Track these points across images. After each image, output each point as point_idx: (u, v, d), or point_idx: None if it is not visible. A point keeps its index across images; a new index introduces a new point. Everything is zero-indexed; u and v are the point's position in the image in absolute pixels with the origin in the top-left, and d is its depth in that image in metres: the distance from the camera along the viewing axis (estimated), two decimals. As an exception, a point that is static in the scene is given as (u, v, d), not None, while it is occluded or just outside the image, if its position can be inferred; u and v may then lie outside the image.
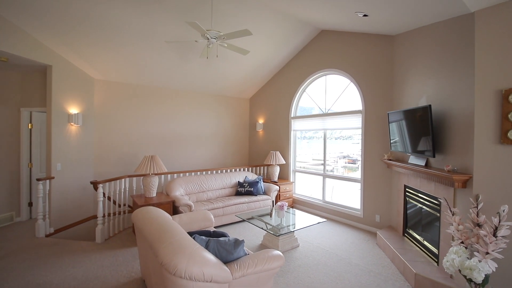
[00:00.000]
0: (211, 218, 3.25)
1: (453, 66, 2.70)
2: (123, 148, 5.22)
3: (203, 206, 4.23)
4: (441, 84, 2.85)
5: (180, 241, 1.79)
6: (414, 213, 3.38)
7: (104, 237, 3.81)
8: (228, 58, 5.14)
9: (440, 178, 2.61)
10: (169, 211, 3.87)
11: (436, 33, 2.99)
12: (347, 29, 4.46)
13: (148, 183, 4.02)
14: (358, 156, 5.41)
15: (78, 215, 4.61)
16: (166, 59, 4.80)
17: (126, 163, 5.25)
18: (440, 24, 2.91)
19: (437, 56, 2.94)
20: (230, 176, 5.22)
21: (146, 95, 5.49)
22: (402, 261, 2.97)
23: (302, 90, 5.63)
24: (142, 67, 4.87)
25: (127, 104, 5.26)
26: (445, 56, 2.83)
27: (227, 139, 6.81)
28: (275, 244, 3.49)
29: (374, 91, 4.22)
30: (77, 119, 4.45)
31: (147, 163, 3.96)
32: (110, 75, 4.91)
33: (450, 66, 2.74)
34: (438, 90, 2.89)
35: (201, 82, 5.84)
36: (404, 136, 3.31)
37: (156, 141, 5.64)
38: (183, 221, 3.02)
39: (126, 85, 5.23)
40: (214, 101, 6.56)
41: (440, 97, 2.85)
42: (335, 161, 5.65)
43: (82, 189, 4.66)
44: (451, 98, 2.69)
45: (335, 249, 3.58)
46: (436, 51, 2.96)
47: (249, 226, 4.46)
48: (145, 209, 2.60)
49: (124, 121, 5.23)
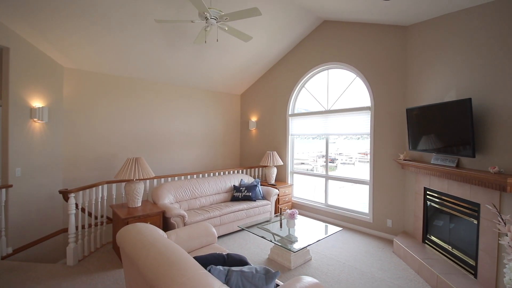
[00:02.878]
0: (214, 232, 2.72)
1: (497, 55, 2.39)
2: (99, 149, 4.49)
3: (197, 216, 3.66)
4: (478, 76, 2.55)
5: (194, 280, 1.27)
6: (438, 219, 3.08)
7: (78, 258, 3.13)
8: (220, 47, 4.60)
9: (481, 180, 2.29)
10: (158, 224, 3.27)
11: (469, 20, 2.69)
12: (355, 18, 4.11)
13: (131, 191, 3.38)
14: (336, 155, 5.27)
15: (43, 229, 3.84)
16: (151, 46, 4.16)
17: (103, 166, 4.53)
18: (477, 9, 2.60)
19: (472, 46, 2.64)
20: (225, 180, 4.68)
21: (127, 88, 4.79)
22: (432, 273, 2.64)
23: (301, 86, 5.23)
24: (122, 54, 4.18)
25: (104, 97, 4.53)
26: (483, 44, 2.53)
27: (217, 138, 6.25)
28: (286, 258, 3.03)
29: (385, 86, 3.91)
30: (41, 114, 3.69)
31: (130, 166, 3.33)
32: (84, 63, 4.17)
33: (493, 55, 2.44)
34: (473, 83, 2.59)
35: (190, 74, 5.24)
36: (429, 134, 3.00)
37: (138, 141, 4.96)
38: (181, 239, 2.47)
39: (103, 76, 4.51)
40: (203, 96, 5.97)
41: (477, 90, 2.54)
42: (314, 160, 5.53)
43: (48, 199, 3.89)
44: (493, 90, 2.39)
45: (352, 260, 3.19)
46: (469, 40, 2.66)
47: (249, 235, 3.96)
48: (133, 227, 2.02)
49: (100, 118, 4.50)
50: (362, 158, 5.01)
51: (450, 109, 2.64)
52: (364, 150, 4.93)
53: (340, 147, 5.27)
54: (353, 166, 5.23)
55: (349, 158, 5.32)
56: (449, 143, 2.72)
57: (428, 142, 3.02)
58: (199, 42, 3.46)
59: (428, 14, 3.18)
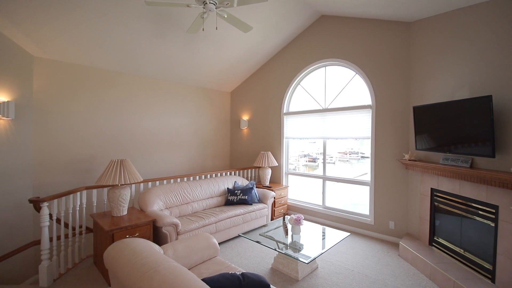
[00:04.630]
0: (215, 243, 2.42)
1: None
2: (75, 150, 4.00)
3: (191, 224, 3.32)
4: (497, 72, 2.45)
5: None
6: (448, 221, 2.98)
7: (53, 277, 2.69)
8: (212, 40, 4.27)
9: (503, 181, 2.18)
10: (149, 235, 2.90)
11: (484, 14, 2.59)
12: (355, 13, 3.96)
13: (116, 198, 2.97)
14: (317, 154, 5.18)
15: (10, 244, 3.30)
16: (136, 35, 3.75)
17: (80, 170, 4.04)
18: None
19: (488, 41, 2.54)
20: (218, 182, 4.36)
21: (108, 82, 4.32)
22: (447, 279, 2.51)
23: (297, 83, 5.02)
24: (103, 43, 3.73)
25: (81, 92, 4.04)
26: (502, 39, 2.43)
27: (206, 138, 5.89)
28: (292, 268, 2.78)
29: (387, 84, 3.78)
30: (6, 110, 3.17)
31: (115, 170, 2.92)
32: (58, 52, 3.67)
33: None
34: (491, 79, 2.49)
35: (178, 68, 4.85)
36: (440, 134, 2.88)
37: (119, 141, 4.50)
38: (179, 254, 2.14)
39: (81, 68, 4.02)
40: (191, 93, 5.59)
41: (496, 87, 2.44)
42: (296, 160, 5.47)
43: (15, 208, 3.37)
44: (513, 87, 2.29)
45: (360, 267, 3.01)
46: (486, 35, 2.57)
47: (247, 242, 3.68)
48: (125, 246, 1.67)
49: (77, 115, 4.01)
50: (342, 157, 5.02)
51: (467, 107, 2.52)
52: (344, 149, 4.92)
53: (321, 147, 5.17)
54: (333, 165, 5.14)
55: (329, 157, 5.23)
56: (463, 142, 2.61)
57: (438, 142, 2.91)
58: (193, 31, 3.13)
59: (434, 10, 3.07)
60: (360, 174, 4.44)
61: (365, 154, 4.36)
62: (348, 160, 5.08)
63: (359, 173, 4.47)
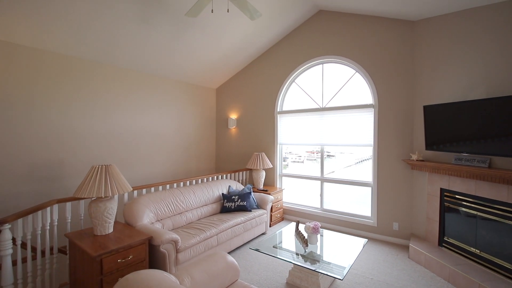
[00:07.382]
0: (234, 264, 2.05)
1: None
2: (38, 154, 3.29)
3: (191, 238, 2.88)
4: (516, 71, 2.44)
5: None
6: (461, 221, 2.95)
7: (17, 320, 2.08)
8: (202, 29, 3.85)
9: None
10: (144, 256, 2.41)
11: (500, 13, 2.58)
12: (355, 9, 3.82)
13: (100, 213, 2.43)
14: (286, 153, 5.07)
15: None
16: (118, 19, 3.18)
17: (45, 177, 3.34)
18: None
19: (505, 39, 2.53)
20: (212, 188, 3.94)
21: (80, 73, 3.65)
22: (471, 281, 2.45)
23: (292, 81, 4.79)
24: (75, 25, 3.10)
25: (45, 84, 3.34)
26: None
27: (189, 138, 5.40)
28: (313, 282, 2.52)
29: (391, 83, 3.71)
30: None
31: (98, 178, 2.37)
32: (19, 34, 2.96)
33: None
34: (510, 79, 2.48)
35: (162, 60, 4.32)
36: (454, 134, 2.83)
37: (91, 142, 3.85)
38: (198, 282, 1.74)
39: (47, 54, 3.32)
40: (175, 89, 5.06)
41: None
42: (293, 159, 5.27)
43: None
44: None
45: (377, 274, 2.86)
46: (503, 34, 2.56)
47: (251, 254, 3.34)
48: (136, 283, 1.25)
49: (39, 111, 3.31)
50: (309, 156, 4.95)
51: (490, 106, 2.48)
52: (311, 149, 4.84)
53: (290, 147, 5.04)
54: (302, 164, 5.05)
55: (298, 157, 5.14)
56: (483, 142, 2.57)
57: (452, 141, 2.87)
58: (193, 14, 2.69)
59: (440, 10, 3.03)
60: (358, 174, 4.34)
61: (364, 157, 4.24)
62: (320, 158, 4.97)
63: (359, 174, 4.36)
